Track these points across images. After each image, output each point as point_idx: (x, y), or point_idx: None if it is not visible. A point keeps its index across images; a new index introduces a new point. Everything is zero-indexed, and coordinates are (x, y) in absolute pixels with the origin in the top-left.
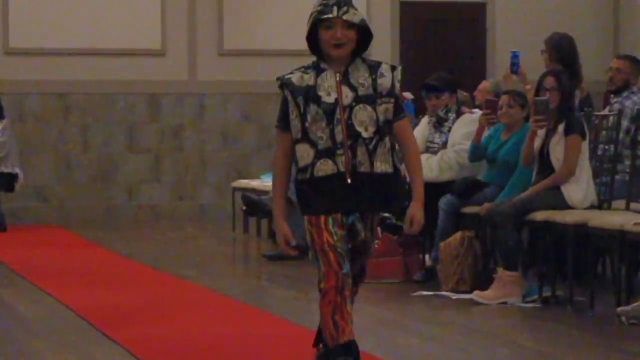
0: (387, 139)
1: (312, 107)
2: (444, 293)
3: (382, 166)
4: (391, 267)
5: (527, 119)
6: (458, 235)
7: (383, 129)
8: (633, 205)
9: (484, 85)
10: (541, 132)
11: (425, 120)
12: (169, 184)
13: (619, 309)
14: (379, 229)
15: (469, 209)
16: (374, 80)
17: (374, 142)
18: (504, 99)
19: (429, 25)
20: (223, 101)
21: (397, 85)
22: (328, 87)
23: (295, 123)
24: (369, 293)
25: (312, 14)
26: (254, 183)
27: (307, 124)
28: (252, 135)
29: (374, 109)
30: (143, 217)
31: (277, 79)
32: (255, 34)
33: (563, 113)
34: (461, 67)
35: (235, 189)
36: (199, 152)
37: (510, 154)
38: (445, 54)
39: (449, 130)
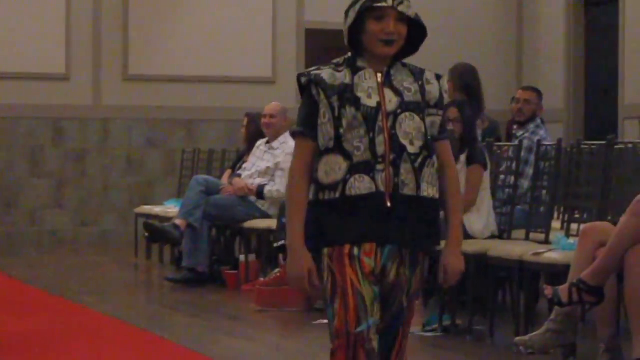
0: (434, 158)
1: (349, 110)
2: None
3: (429, 190)
4: (292, 295)
5: None
6: None
7: (430, 146)
8: (533, 235)
9: None
10: None
11: None
12: (72, 210)
13: (518, 338)
14: (280, 256)
15: None
16: (421, 87)
17: (420, 159)
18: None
19: (335, 53)
20: (127, 126)
21: (445, 96)
22: (368, 88)
23: (326, 129)
24: (269, 321)
25: (358, 0)
26: (158, 209)
27: (341, 131)
28: (156, 161)
29: (423, 120)
30: (45, 243)
31: (301, 75)
32: (161, 60)
33: (466, 143)
34: None
35: (138, 215)
36: (103, 177)
37: None
38: None
39: None
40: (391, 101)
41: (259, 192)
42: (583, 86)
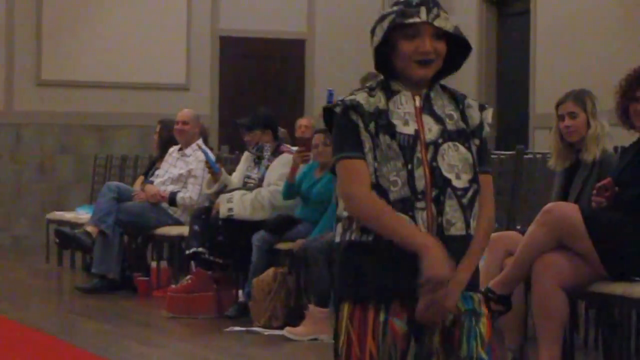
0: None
1: (383, 140)
2: (256, 329)
3: (474, 226)
4: (204, 302)
5: None
6: (271, 271)
7: (478, 179)
8: None
9: (300, 122)
10: None
11: (246, 154)
12: None
13: None
14: (192, 263)
15: (282, 246)
16: (462, 113)
17: (469, 194)
18: (318, 137)
19: (249, 61)
20: (40, 132)
21: (487, 128)
22: (405, 114)
23: (369, 160)
24: (180, 328)
25: (386, 16)
26: (69, 215)
27: (375, 165)
28: (69, 166)
29: (469, 150)
30: None
31: (333, 106)
32: (74, 65)
33: None
34: (281, 103)
35: (50, 221)
36: (15, 182)
37: (324, 191)
38: (265, 90)
39: (267, 168)
40: (431, 129)
41: (171, 199)
42: (494, 95)
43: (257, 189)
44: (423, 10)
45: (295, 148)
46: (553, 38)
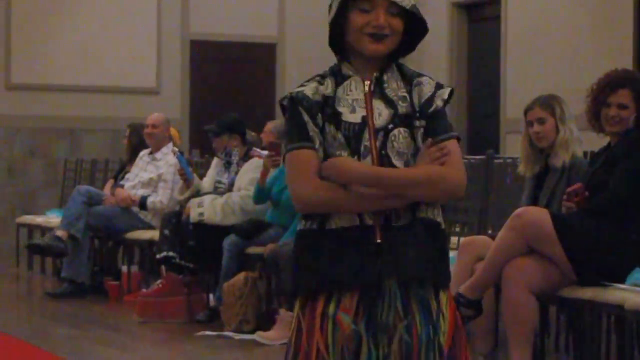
0: None
1: (329, 130)
2: (227, 333)
3: (428, 212)
4: (174, 306)
5: None
6: (242, 275)
7: None
8: None
9: (269, 126)
10: None
11: (216, 159)
12: None
13: None
14: (163, 268)
15: (253, 250)
16: (409, 93)
17: None
18: None
19: (220, 65)
20: (9, 135)
21: (439, 102)
22: (352, 101)
23: (319, 153)
24: (151, 333)
25: None
26: (39, 219)
27: (322, 155)
28: (38, 170)
29: (412, 136)
30: None
31: (282, 99)
32: (44, 69)
33: None
34: (251, 107)
35: (20, 225)
36: None
37: None
38: (235, 94)
39: (236, 173)
40: (381, 114)
41: (142, 203)
42: (465, 100)
43: (227, 193)
44: None
45: (265, 152)
46: (523, 43)
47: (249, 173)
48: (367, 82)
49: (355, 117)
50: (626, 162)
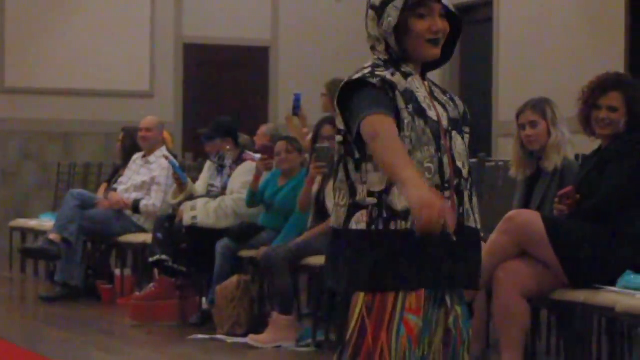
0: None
1: (419, 123)
2: (219, 336)
3: (479, 221)
4: (167, 309)
5: (302, 164)
6: (234, 278)
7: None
8: None
9: (262, 129)
10: (318, 178)
11: (208, 163)
12: None
13: None
14: (156, 271)
15: (245, 253)
16: (452, 100)
17: (469, 185)
18: (281, 145)
19: (213, 68)
20: (3, 139)
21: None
22: (424, 98)
23: (405, 143)
24: (144, 336)
25: None
26: (33, 223)
27: (410, 147)
28: (32, 174)
29: (464, 140)
30: None
31: (366, 77)
32: (38, 72)
33: None
34: (245, 110)
35: (13, 228)
36: None
37: (287, 199)
38: (229, 97)
39: (229, 176)
40: (442, 116)
41: (135, 207)
42: None
43: (220, 197)
44: None
45: (258, 155)
46: (516, 45)
47: (242, 176)
48: (426, 83)
49: (433, 115)
50: (617, 164)
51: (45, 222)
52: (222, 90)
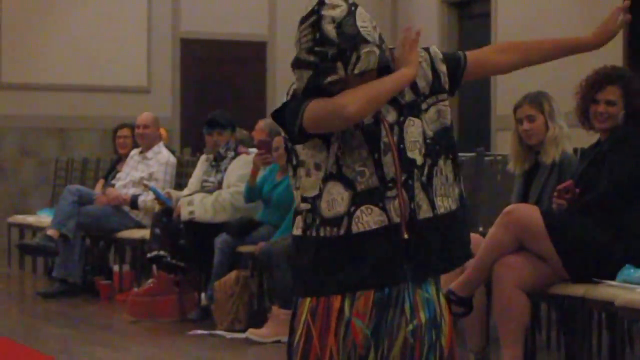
0: (440, 162)
1: (348, 129)
2: (219, 332)
3: (444, 203)
4: (166, 305)
5: None
6: (233, 274)
7: (434, 147)
8: None
9: (260, 124)
10: None
11: (203, 157)
12: None
13: None
14: (154, 267)
15: (244, 248)
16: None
17: (425, 170)
18: (279, 140)
19: (211, 63)
20: (0, 135)
21: (439, 55)
22: None
23: (332, 149)
24: (142, 332)
25: (301, 62)
26: (31, 219)
27: (338, 153)
28: (30, 170)
29: (422, 121)
30: None
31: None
32: (34, 68)
33: None
34: (243, 105)
35: (11, 224)
36: None
37: (285, 194)
38: (226, 92)
39: (226, 170)
40: (389, 111)
41: (133, 202)
42: (456, 98)
43: (217, 191)
44: (340, 66)
45: (253, 150)
46: (514, 39)
47: (238, 169)
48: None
49: (368, 118)
50: (615, 158)
51: (43, 218)
52: (219, 86)
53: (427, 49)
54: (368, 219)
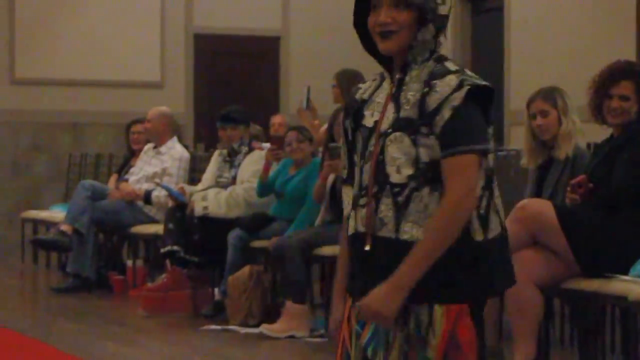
0: (426, 191)
1: (358, 133)
2: (232, 327)
3: (412, 230)
4: (179, 300)
5: (313, 154)
6: (247, 269)
7: (425, 174)
8: None
9: (278, 119)
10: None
11: (217, 153)
12: None
13: None
14: (167, 262)
15: (257, 243)
16: (423, 96)
17: (406, 191)
18: (292, 134)
19: (224, 58)
20: (14, 130)
21: (445, 114)
22: (377, 104)
23: (343, 157)
24: (156, 327)
25: None
26: (44, 214)
27: (355, 157)
28: (43, 165)
29: (414, 143)
30: None
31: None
32: (48, 63)
33: None
34: (256, 100)
35: (25, 220)
36: None
37: (298, 188)
38: (240, 87)
39: (239, 165)
40: (388, 118)
41: (146, 197)
42: None
43: (231, 186)
44: None
45: (267, 145)
46: (527, 34)
47: (252, 165)
48: (392, 85)
49: (370, 122)
50: (629, 153)
51: (57, 213)
52: (233, 81)
53: (456, 89)
54: (352, 223)
